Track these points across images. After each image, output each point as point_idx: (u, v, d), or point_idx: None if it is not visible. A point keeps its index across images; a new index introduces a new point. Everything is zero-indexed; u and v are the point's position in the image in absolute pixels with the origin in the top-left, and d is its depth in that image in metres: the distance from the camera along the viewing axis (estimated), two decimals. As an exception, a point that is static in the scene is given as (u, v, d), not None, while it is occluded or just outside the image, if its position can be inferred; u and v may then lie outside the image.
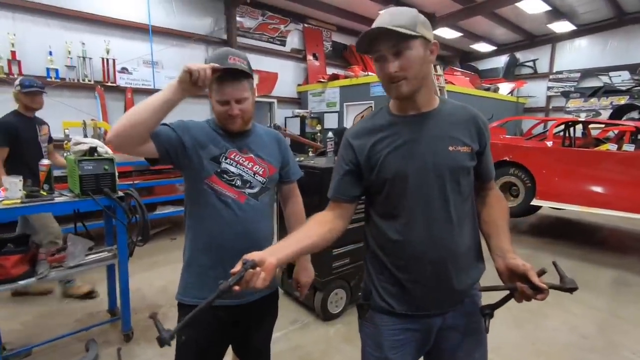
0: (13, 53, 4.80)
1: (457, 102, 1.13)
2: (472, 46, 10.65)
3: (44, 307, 2.85)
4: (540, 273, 0.89)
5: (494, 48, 10.75)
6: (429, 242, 1.03)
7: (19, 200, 1.95)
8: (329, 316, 2.70)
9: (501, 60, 10.81)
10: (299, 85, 8.31)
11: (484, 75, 10.78)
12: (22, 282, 1.94)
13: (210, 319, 1.26)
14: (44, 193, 2.10)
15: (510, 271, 0.95)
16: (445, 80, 7.28)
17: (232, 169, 1.29)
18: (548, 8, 7.76)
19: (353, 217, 1.18)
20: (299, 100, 8.29)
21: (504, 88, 9.67)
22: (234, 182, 1.28)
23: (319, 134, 7.43)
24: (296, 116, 7.60)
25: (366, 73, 7.55)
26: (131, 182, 3.95)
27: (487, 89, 9.16)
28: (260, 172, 1.33)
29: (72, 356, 2.22)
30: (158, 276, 3.34)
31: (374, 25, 0.96)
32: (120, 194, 2.28)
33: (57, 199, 2.09)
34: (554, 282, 0.89)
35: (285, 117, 7.92)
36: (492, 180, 1.17)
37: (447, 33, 8.92)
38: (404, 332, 1.09)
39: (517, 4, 7.04)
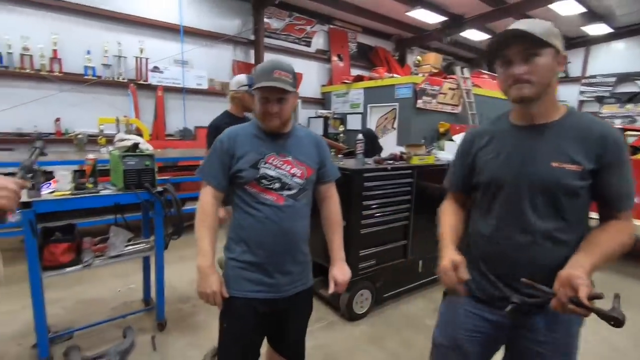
0: (55, 52, 5.06)
1: (592, 117, 1.07)
2: (500, 48, 10.40)
3: (82, 294, 3.00)
4: (594, 296, 0.85)
5: (523, 50, 10.46)
6: (510, 248, 1.08)
7: (68, 192, 2.06)
8: (354, 316, 2.72)
9: (530, 63, 10.52)
10: (323, 85, 8.36)
11: (512, 79, 10.50)
12: (69, 269, 2.06)
13: (249, 309, 1.36)
14: (90, 186, 2.22)
15: (566, 279, 0.91)
16: (472, 83, 7.16)
17: (271, 172, 1.34)
18: (583, 10, 7.51)
19: (382, 220, 1.27)
20: (323, 101, 8.34)
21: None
22: (272, 186, 1.34)
23: (341, 135, 7.46)
24: (319, 117, 7.64)
25: (391, 75, 7.52)
26: (166, 178, 4.08)
27: (515, 93, 8.90)
28: (298, 174, 1.38)
29: (109, 341, 2.33)
30: (187, 269, 3.44)
31: (502, 33, 1.01)
32: (159, 188, 2.38)
33: (102, 192, 2.20)
34: (602, 308, 0.84)
35: (309, 117, 7.98)
36: (623, 210, 1.03)
37: (474, 35, 8.77)
38: (478, 319, 1.17)
39: (551, 6, 6.85)
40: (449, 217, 1.25)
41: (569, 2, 6.95)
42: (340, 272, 1.50)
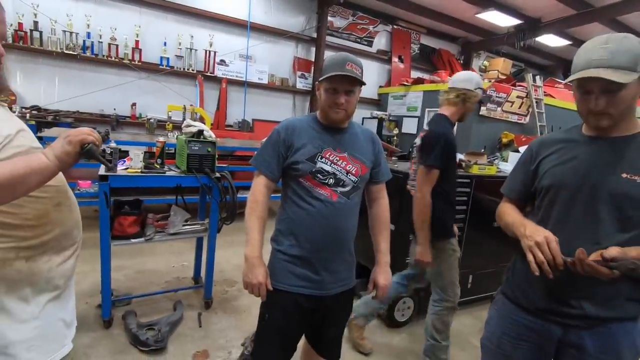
0: (137, 42, 5.54)
1: None
2: (580, 56, 9.48)
3: (141, 265, 3.26)
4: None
5: (608, 59, 9.44)
6: (567, 255, 1.00)
7: (139, 170, 2.25)
8: (394, 323, 2.65)
9: (615, 74, 9.47)
10: (380, 86, 8.24)
11: (591, 90, 9.54)
12: (134, 240, 2.25)
13: (292, 303, 1.36)
14: (157, 166, 2.40)
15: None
16: (545, 92, 6.61)
17: (327, 167, 1.33)
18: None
19: None
20: (379, 102, 8.22)
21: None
22: (327, 181, 1.33)
23: (395, 138, 7.31)
24: (374, 117, 7.54)
25: (454, 79, 7.20)
26: (224, 165, 4.29)
27: (594, 106, 8.07)
28: (353, 171, 1.36)
29: (161, 312, 2.51)
30: (234, 254, 3.60)
31: (585, 59, 0.95)
32: (217, 175, 2.51)
33: (168, 173, 2.37)
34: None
35: (363, 118, 7.91)
36: None
37: (551, 40, 8.07)
38: (522, 327, 1.16)
39: (647, 11, 6.08)
40: (512, 210, 1.23)
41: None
42: (383, 276, 1.47)
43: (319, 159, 1.33)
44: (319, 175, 1.32)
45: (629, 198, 0.98)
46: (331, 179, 1.33)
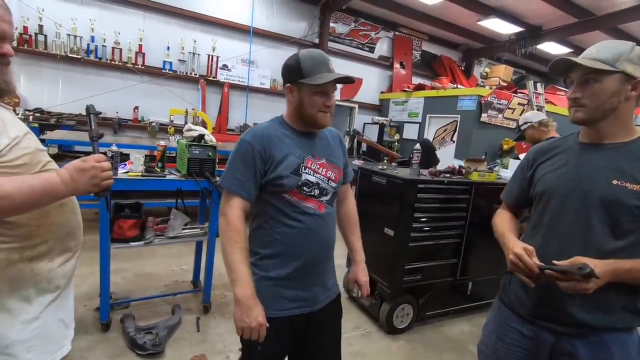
0: (140, 46, 5.58)
1: None
2: (581, 64, 9.50)
3: (141, 268, 3.26)
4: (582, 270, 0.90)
5: (609, 67, 9.46)
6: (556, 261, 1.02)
7: (140, 174, 2.26)
8: (393, 329, 2.64)
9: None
10: (382, 92, 8.27)
11: (593, 97, 9.54)
12: (133, 243, 2.25)
13: (286, 327, 1.26)
14: (158, 170, 2.41)
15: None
16: (546, 99, 6.63)
17: (311, 178, 1.23)
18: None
19: (432, 235, 1.27)
20: (380, 108, 8.25)
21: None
22: (312, 193, 1.24)
23: (396, 143, 7.32)
24: (375, 123, 7.57)
25: (455, 85, 7.23)
26: (224, 170, 4.31)
27: (595, 113, 8.08)
28: (333, 178, 1.29)
29: (160, 315, 2.51)
30: (233, 259, 3.59)
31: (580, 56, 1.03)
32: (217, 178, 2.51)
33: (168, 177, 2.38)
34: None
35: (364, 123, 7.95)
36: None
37: (552, 48, 8.11)
38: (517, 334, 1.17)
39: (648, 19, 6.11)
40: (506, 219, 1.25)
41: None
42: (363, 272, 1.45)
43: (303, 170, 1.21)
44: (304, 188, 1.21)
45: (620, 204, 0.98)
46: (316, 190, 1.24)
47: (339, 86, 1.34)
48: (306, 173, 1.22)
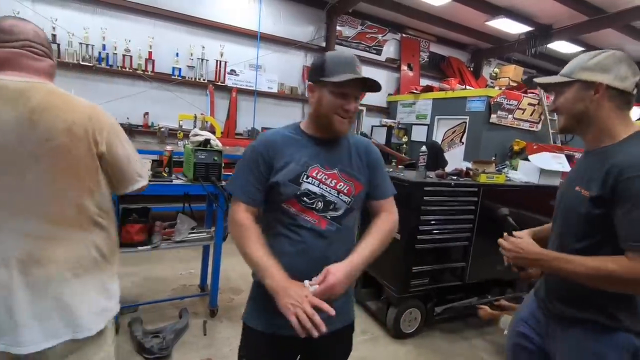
0: (150, 53, 5.68)
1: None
2: (594, 62, 9.30)
3: (148, 272, 3.30)
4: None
5: (623, 66, 9.23)
6: None
7: (147, 178, 2.28)
8: (400, 334, 2.61)
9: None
10: (389, 94, 8.24)
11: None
12: (141, 248, 2.28)
13: (276, 348, 1.17)
14: (165, 175, 2.44)
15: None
16: (557, 99, 6.50)
17: (314, 188, 1.14)
18: None
19: (440, 238, 1.53)
20: (388, 110, 8.21)
21: (634, 113, 8.25)
22: (314, 206, 1.14)
23: (404, 146, 7.26)
24: (383, 125, 7.53)
25: (463, 87, 7.15)
26: (231, 174, 4.35)
27: (609, 113, 7.88)
28: (345, 191, 1.17)
29: (168, 319, 2.53)
30: (239, 263, 3.57)
31: None
32: (224, 183, 2.53)
33: (175, 181, 2.40)
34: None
35: (372, 126, 7.91)
36: (630, 250, 0.94)
37: (563, 47, 7.97)
38: (523, 336, 1.30)
39: (663, 16, 5.96)
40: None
41: (688, 11, 5.98)
42: (338, 274, 1.05)
43: (304, 179, 1.13)
44: (304, 198, 1.13)
45: (573, 210, 1.08)
46: (319, 203, 1.14)
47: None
48: (308, 182, 1.13)
